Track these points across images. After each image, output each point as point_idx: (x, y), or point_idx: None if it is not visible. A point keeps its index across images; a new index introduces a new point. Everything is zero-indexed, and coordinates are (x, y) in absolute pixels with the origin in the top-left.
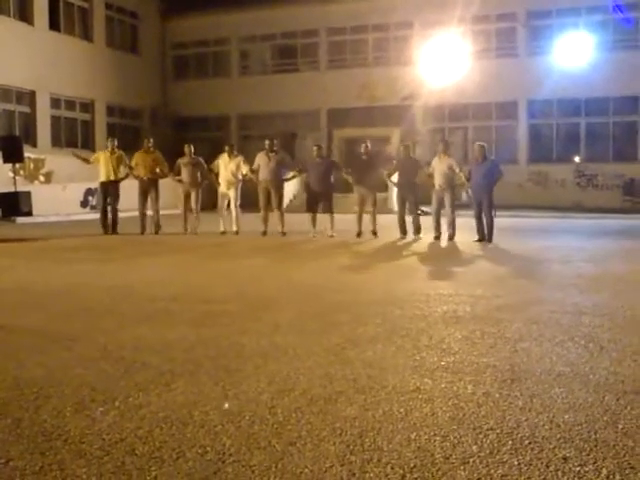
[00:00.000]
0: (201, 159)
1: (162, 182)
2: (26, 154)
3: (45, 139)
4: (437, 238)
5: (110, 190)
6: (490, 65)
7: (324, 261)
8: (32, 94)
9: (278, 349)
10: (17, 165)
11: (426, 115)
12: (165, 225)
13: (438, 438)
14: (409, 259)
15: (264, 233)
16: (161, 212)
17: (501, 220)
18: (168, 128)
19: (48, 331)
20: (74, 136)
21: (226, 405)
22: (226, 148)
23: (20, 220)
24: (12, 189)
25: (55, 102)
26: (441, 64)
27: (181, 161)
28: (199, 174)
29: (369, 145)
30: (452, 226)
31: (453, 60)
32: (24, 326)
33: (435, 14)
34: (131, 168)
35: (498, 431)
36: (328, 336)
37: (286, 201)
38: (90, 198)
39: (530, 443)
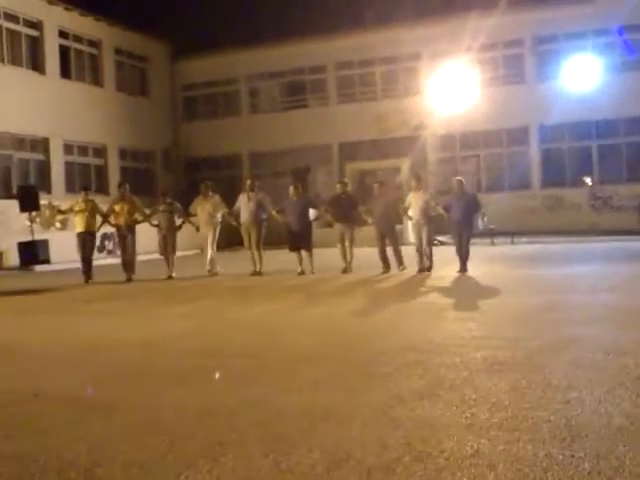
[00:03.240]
0: (177, 204)
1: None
2: (42, 201)
3: (59, 185)
4: (421, 271)
5: (86, 240)
6: (499, 92)
7: (338, 302)
8: (45, 141)
9: (323, 410)
10: (33, 213)
11: (437, 144)
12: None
13: None
14: (425, 296)
15: (254, 273)
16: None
17: (519, 247)
18: (180, 169)
19: (84, 398)
20: (88, 181)
21: None
22: (201, 188)
23: (39, 268)
24: (29, 238)
25: (68, 148)
26: (450, 93)
27: (158, 207)
28: (176, 219)
29: (348, 183)
30: (430, 258)
31: (462, 89)
32: (59, 393)
33: (443, 44)
34: (106, 216)
35: None
36: (372, 392)
37: None
38: (107, 243)
39: None
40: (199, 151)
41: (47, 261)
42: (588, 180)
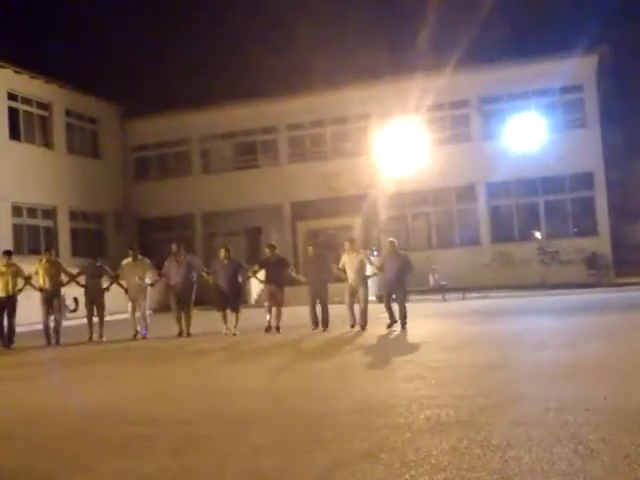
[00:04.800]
0: (106, 267)
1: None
2: None
3: (7, 248)
4: (352, 327)
5: (7, 305)
6: (447, 151)
7: (277, 363)
8: None
9: (264, 476)
10: None
11: (387, 203)
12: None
13: None
14: (370, 355)
15: (180, 334)
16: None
17: (470, 303)
18: (132, 230)
19: (18, 471)
20: (37, 243)
21: None
22: (130, 252)
23: None
24: None
25: (17, 210)
26: (399, 152)
27: (85, 270)
28: (103, 281)
29: (276, 247)
30: (364, 317)
31: (411, 148)
32: None
33: (391, 105)
34: (28, 278)
35: None
36: (313, 456)
37: (254, 296)
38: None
39: None
40: (151, 212)
41: None
42: (538, 234)
